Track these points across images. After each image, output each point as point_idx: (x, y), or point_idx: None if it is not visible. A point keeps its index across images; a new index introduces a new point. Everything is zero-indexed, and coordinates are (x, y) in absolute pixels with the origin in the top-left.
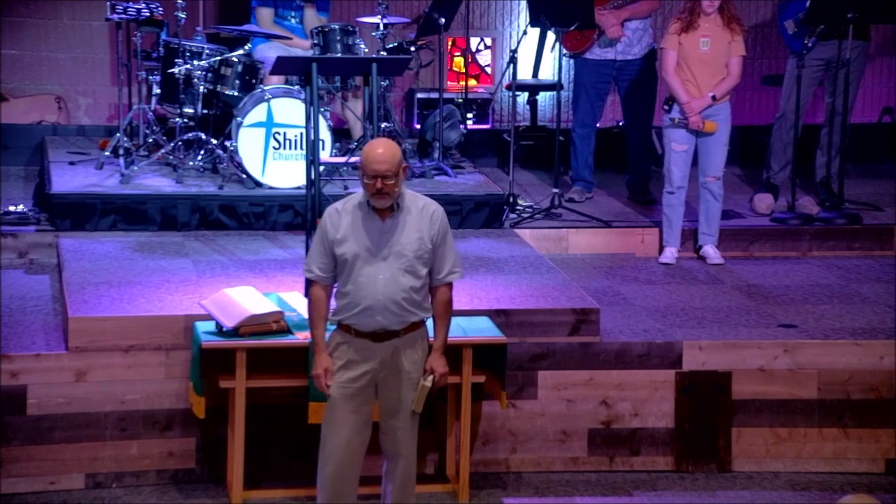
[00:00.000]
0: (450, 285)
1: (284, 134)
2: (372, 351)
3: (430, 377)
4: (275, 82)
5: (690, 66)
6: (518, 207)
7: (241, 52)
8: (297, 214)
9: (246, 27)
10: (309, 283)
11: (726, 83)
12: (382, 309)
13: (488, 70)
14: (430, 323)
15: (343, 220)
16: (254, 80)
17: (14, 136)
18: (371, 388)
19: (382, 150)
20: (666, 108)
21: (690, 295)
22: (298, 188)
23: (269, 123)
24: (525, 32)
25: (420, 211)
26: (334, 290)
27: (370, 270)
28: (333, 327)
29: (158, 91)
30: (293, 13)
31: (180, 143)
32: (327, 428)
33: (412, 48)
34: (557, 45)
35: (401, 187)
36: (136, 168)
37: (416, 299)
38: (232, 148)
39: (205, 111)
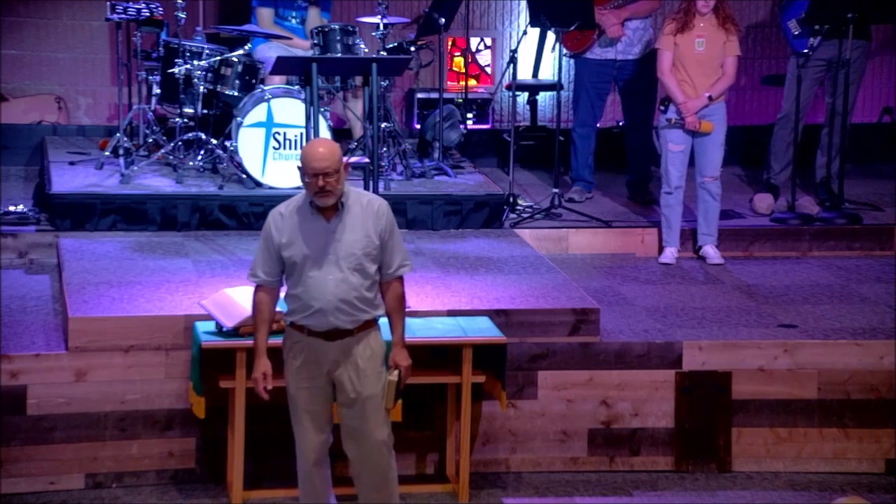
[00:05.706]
0: (401, 279)
1: (284, 134)
2: (326, 349)
3: (396, 372)
4: (275, 82)
5: (686, 66)
6: (518, 207)
7: (241, 52)
8: None
9: (246, 27)
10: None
11: (722, 83)
12: (334, 310)
13: (488, 70)
14: (382, 320)
15: (287, 223)
16: (254, 80)
17: (14, 136)
18: (329, 386)
19: (323, 149)
20: (662, 108)
21: (690, 295)
22: (298, 188)
23: (269, 123)
24: (525, 32)
25: (364, 207)
26: (282, 291)
27: (319, 272)
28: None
29: (158, 91)
30: (294, 13)
31: (180, 143)
32: (294, 428)
33: (412, 48)
34: (557, 45)
35: (343, 185)
36: (136, 168)
37: (367, 297)
38: (232, 148)
39: (205, 111)
